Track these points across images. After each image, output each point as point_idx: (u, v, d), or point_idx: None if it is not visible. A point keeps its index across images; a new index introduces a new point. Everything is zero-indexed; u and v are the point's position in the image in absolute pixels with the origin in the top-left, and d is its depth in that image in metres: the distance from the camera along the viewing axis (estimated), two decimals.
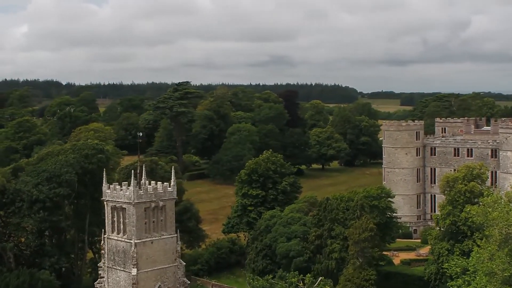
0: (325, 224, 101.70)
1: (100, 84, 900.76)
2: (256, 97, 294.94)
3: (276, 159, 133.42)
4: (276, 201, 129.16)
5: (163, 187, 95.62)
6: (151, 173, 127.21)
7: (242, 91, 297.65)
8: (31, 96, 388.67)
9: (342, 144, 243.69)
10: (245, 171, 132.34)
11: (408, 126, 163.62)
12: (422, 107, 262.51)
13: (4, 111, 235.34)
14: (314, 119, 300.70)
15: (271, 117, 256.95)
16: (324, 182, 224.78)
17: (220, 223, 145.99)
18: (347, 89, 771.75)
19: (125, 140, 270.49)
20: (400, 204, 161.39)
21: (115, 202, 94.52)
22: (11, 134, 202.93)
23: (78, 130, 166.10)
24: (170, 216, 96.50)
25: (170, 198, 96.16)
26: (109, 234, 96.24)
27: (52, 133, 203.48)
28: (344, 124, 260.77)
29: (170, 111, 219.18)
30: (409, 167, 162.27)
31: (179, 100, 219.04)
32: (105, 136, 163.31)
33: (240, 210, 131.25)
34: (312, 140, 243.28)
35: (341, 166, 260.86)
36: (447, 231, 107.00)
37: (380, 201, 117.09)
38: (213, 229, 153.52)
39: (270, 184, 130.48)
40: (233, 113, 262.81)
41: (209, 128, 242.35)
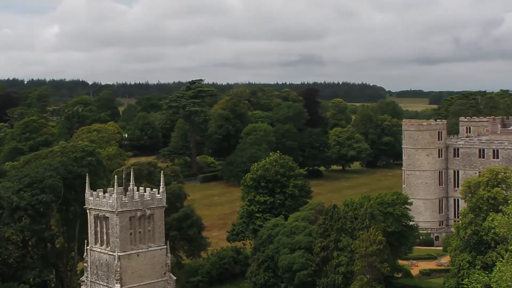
0: (332, 235, 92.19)
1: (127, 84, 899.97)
2: (275, 95, 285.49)
3: (285, 161, 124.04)
4: (283, 207, 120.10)
5: (151, 194, 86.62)
6: (149, 177, 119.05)
7: (260, 90, 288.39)
8: (50, 95, 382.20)
9: (363, 144, 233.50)
10: (251, 175, 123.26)
11: (429, 125, 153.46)
12: (448, 106, 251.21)
13: (13, 111, 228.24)
14: (336, 118, 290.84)
15: (289, 116, 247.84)
16: (344, 184, 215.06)
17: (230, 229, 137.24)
18: (374, 88, 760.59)
19: (141, 140, 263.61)
20: (421, 209, 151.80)
21: (98, 210, 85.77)
22: (17, 134, 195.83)
23: (80, 130, 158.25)
24: (159, 226, 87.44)
25: (159, 206, 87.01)
26: (92, 246, 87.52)
27: (60, 134, 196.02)
28: (365, 123, 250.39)
29: (183, 110, 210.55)
30: (431, 169, 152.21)
31: (191, 98, 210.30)
32: (109, 137, 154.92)
33: (245, 216, 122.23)
34: (332, 140, 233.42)
35: (362, 168, 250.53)
36: (469, 242, 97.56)
37: (395, 208, 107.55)
38: (222, 235, 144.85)
39: (278, 189, 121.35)
40: (250, 112, 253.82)
41: (225, 128, 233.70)
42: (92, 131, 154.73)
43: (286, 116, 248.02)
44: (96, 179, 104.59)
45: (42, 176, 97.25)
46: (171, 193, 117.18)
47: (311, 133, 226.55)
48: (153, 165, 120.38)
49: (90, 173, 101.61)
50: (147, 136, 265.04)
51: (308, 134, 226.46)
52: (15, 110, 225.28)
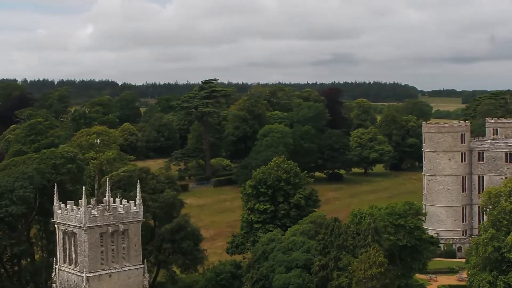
0: (332, 252, 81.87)
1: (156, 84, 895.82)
2: (296, 95, 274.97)
3: (289, 166, 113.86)
4: (288, 217, 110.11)
5: (125, 207, 77.19)
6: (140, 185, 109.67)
7: (280, 90, 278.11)
8: (70, 96, 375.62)
9: (386, 146, 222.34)
10: (250, 182, 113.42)
11: (451, 127, 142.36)
12: (476, 105, 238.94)
13: (22, 112, 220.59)
14: (360, 119, 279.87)
15: (310, 117, 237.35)
16: (365, 189, 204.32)
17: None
18: (406, 87, 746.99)
19: (157, 142, 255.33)
20: (443, 218, 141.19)
21: (65, 225, 76.62)
22: (21, 137, 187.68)
23: (80, 133, 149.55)
24: (134, 243, 77.91)
25: (135, 221, 77.50)
26: (60, 265, 78.42)
27: (66, 136, 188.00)
28: (389, 124, 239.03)
29: (195, 111, 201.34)
30: (453, 174, 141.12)
31: (204, 99, 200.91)
32: (109, 140, 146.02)
33: (246, 227, 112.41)
34: (353, 142, 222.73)
35: (386, 171, 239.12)
36: (489, 260, 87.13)
37: (407, 220, 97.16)
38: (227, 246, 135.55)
39: (281, 197, 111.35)
40: (269, 113, 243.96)
41: (242, 129, 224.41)
42: (91, 134, 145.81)
43: (306, 117, 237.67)
44: (78, 187, 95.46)
45: (12, 186, 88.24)
46: (164, 202, 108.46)
47: (331, 134, 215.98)
48: (145, 171, 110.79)
49: (71, 181, 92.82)
50: (164, 137, 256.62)
51: (327, 135, 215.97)
52: (24, 111, 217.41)
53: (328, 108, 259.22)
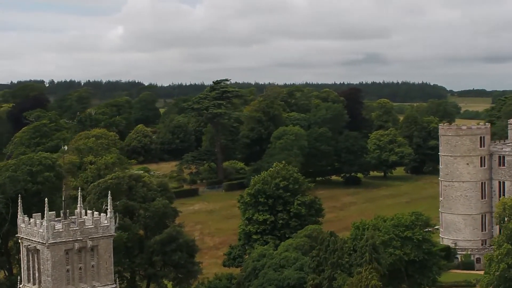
0: (326, 270, 74.01)
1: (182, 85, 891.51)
2: (314, 96, 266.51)
3: (289, 173, 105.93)
4: (287, 227, 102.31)
5: (95, 220, 69.88)
6: (129, 193, 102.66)
7: (298, 90, 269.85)
8: (90, 97, 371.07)
9: (406, 148, 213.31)
10: (249, 190, 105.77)
11: (469, 130, 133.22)
12: (501, 106, 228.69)
13: (31, 113, 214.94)
14: (381, 120, 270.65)
15: (328, 118, 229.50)
16: (383, 193, 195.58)
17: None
18: (435, 87, 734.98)
19: (172, 144, 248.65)
20: (460, 226, 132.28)
21: (29, 241, 69.53)
22: (26, 139, 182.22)
23: (78, 136, 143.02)
24: (105, 260, 70.50)
25: (105, 236, 70.15)
26: (24, 284, 71.36)
27: (71, 138, 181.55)
28: (409, 126, 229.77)
29: (206, 112, 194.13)
30: (471, 180, 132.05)
31: (215, 100, 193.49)
32: (108, 143, 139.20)
33: (244, 238, 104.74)
34: (372, 144, 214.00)
35: (406, 174, 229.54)
36: (503, 278, 78.94)
37: (414, 232, 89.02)
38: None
39: (280, 206, 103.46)
40: (286, 114, 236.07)
41: (257, 131, 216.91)
42: (90, 137, 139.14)
43: (324, 118, 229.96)
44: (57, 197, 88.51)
45: None
46: (154, 211, 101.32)
47: (348, 136, 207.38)
48: (135, 179, 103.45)
49: (49, 190, 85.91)
50: (179, 139, 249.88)
51: (344, 137, 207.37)
52: (32, 113, 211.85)
53: (347, 109, 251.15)
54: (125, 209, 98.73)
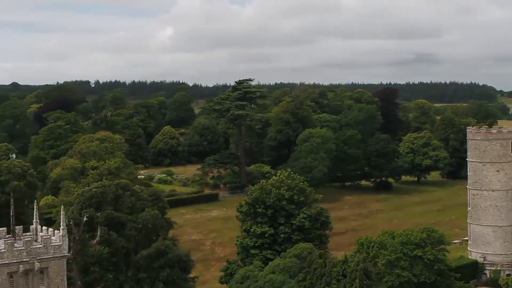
0: None
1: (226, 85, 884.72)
2: (347, 96, 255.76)
3: (293, 182, 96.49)
4: (289, 242, 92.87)
5: (44, 239, 61.69)
6: (115, 203, 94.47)
7: (330, 90, 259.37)
8: (124, 97, 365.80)
9: (441, 152, 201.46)
10: (247, 199, 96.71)
11: (499, 134, 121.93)
12: None
13: (50, 114, 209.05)
14: (418, 121, 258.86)
15: (360, 120, 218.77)
16: (414, 200, 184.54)
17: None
18: (484, 88, 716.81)
19: (200, 146, 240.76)
20: (490, 239, 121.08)
21: None
22: (40, 141, 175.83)
23: (82, 139, 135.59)
24: (57, 284, 62.25)
25: (56, 257, 62.02)
26: None
27: None
28: (445, 128, 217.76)
29: (228, 114, 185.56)
30: (502, 189, 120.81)
31: (237, 101, 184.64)
32: (113, 147, 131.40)
33: (242, 252, 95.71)
34: (405, 147, 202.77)
35: (442, 179, 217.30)
36: None
37: (425, 251, 79.03)
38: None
39: (282, 219, 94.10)
40: (316, 115, 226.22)
41: (285, 133, 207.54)
42: (94, 140, 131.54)
43: (356, 120, 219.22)
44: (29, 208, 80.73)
45: None
46: (143, 223, 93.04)
47: (378, 139, 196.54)
48: (122, 187, 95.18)
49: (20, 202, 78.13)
50: (207, 141, 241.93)
51: (375, 140, 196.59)
52: (52, 114, 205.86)
53: (382, 110, 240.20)
54: (110, 220, 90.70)
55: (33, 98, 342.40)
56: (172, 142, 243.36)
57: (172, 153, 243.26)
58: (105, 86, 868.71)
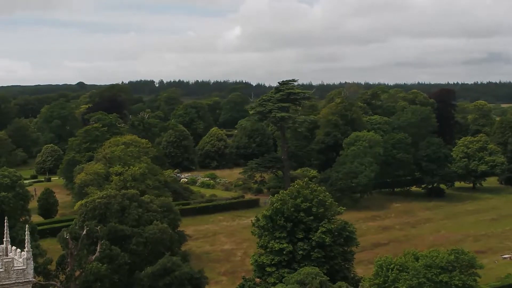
0: None
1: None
2: (401, 98, 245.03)
3: (313, 193, 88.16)
4: (309, 259, 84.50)
5: (5, 263, 55.34)
6: (121, 216, 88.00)
7: (383, 91, 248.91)
8: (178, 97, 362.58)
9: (498, 157, 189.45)
10: (266, 212, 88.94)
11: None
12: None
13: (91, 116, 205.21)
14: (477, 124, 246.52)
15: (413, 122, 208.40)
16: (467, 208, 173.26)
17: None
18: None
19: (248, 148, 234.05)
20: None
21: None
22: (76, 144, 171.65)
23: (107, 143, 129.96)
24: None
25: (20, 282, 55.63)
26: None
27: None
28: (504, 131, 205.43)
29: (269, 116, 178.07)
30: None
31: (279, 102, 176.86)
32: (139, 151, 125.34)
33: (258, 270, 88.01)
34: (459, 152, 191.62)
35: (500, 185, 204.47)
36: None
37: (452, 276, 70.08)
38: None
39: (301, 233, 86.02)
40: (367, 117, 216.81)
41: (333, 135, 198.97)
42: (119, 145, 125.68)
43: (410, 123, 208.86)
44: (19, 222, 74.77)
45: None
46: (149, 238, 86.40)
47: (429, 143, 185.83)
48: (129, 197, 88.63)
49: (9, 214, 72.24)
50: (255, 143, 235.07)
51: (425, 144, 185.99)
52: (94, 115, 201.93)
53: (439, 112, 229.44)
54: (114, 234, 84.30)
55: (87, 98, 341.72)
56: (219, 144, 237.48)
57: (219, 156, 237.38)
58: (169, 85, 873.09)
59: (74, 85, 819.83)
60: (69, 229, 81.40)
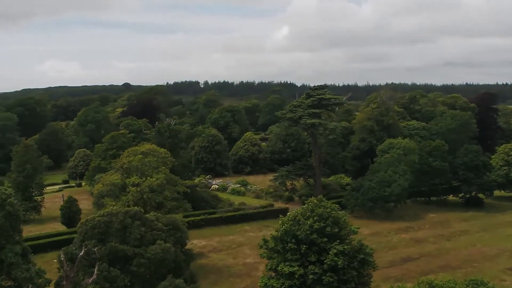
0: None
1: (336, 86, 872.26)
2: (440, 102, 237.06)
3: (326, 211, 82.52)
4: (320, 284, 79.02)
5: None
6: (122, 235, 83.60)
7: (422, 95, 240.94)
8: (217, 100, 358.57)
9: None
10: (276, 233, 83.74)
11: None
12: None
13: (121, 121, 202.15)
14: None
15: (452, 128, 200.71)
16: (507, 219, 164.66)
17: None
18: None
19: (283, 153, 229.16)
20: None
21: None
22: (102, 150, 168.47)
23: (126, 153, 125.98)
24: None
25: None
26: None
27: None
28: None
29: (300, 123, 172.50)
30: None
31: (310, 108, 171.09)
32: (157, 162, 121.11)
33: None
34: (498, 160, 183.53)
35: None
36: None
37: None
38: None
39: (314, 256, 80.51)
40: (404, 122, 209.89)
41: (368, 142, 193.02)
42: (137, 154, 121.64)
43: (449, 128, 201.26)
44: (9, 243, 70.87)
45: None
46: (151, 259, 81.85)
47: (467, 151, 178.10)
48: (131, 215, 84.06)
49: None
50: (290, 149, 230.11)
51: (463, 152, 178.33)
52: (123, 120, 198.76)
53: (480, 117, 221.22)
54: (114, 254, 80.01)
55: (125, 101, 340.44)
56: (253, 149, 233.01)
57: (252, 161, 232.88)
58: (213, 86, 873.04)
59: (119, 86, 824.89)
60: (64, 249, 77.44)
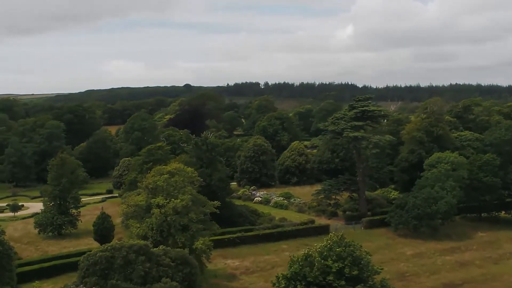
0: None
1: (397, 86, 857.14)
2: (496, 111, 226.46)
3: (346, 250, 76.14)
4: None
5: None
6: (124, 271, 78.64)
7: (476, 104, 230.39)
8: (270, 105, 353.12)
9: None
10: (286, 273, 77.83)
11: None
12: None
13: (162, 131, 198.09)
14: None
15: (506, 140, 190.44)
16: None
17: None
18: None
19: (331, 163, 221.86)
20: None
21: None
22: (138, 164, 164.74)
23: (153, 172, 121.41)
24: None
25: None
26: None
27: None
28: None
29: (340, 135, 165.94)
30: None
31: (353, 121, 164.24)
32: (184, 181, 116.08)
33: None
34: None
35: None
36: None
37: None
38: None
39: None
40: (457, 133, 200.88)
41: (417, 154, 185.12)
42: (163, 174, 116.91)
43: (504, 140, 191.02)
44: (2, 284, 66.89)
45: None
46: None
47: None
48: (136, 250, 78.98)
49: None
50: (339, 158, 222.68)
51: None
52: (165, 131, 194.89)
53: None
54: None
55: (177, 106, 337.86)
56: (300, 159, 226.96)
57: (299, 171, 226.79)
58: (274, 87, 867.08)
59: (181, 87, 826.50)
60: (68, 286, 73.21)
